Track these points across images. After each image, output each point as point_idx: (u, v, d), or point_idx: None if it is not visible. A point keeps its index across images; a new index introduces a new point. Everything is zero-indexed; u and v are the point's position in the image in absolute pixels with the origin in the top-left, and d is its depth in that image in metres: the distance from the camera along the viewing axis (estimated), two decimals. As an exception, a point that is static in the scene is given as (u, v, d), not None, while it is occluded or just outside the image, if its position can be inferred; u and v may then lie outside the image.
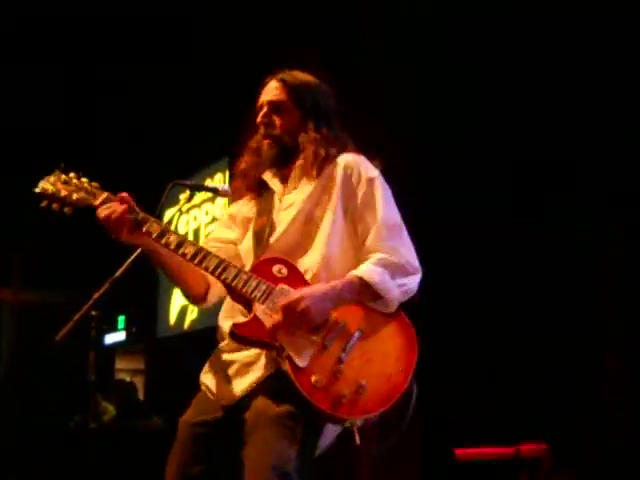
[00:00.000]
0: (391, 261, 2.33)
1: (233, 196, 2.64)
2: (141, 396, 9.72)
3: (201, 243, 2.54)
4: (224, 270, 2.31)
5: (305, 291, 2.26)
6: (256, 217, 2.52)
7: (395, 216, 2.43)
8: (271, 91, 2.53)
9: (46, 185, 2.45)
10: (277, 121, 2.49)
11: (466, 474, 4.79)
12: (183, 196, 2.68)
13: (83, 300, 2.52)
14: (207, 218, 9.21)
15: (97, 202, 2.40)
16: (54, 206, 2.44)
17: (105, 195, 2.42)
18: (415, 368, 2.27)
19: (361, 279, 2.29)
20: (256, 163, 2.54)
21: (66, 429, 7.07)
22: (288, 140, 2.48)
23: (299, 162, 2.48)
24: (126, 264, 2.53)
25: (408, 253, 2.38)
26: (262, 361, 2.31)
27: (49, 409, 7.93)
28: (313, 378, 2.19)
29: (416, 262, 2.39)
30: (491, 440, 4.90)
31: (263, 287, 2.29)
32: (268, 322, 2.24)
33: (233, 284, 2.30)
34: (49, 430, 7.20)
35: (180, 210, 2.66)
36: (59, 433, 7.00)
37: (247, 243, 2.52)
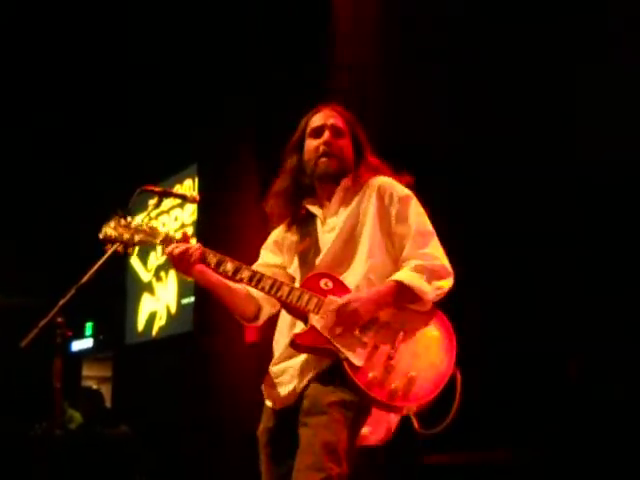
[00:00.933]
0: (426, 266, 2.61)
1: (272, 220, 2.88)
2: (108, 404, 9.65)
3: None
4: (278, 289, 2.59)
5: (352, 295, 2.57)
6: (299, 240, 2.78)
7: (427, 226, 2.70)
8: (331, 117, 2.79)
9: (108, 230, 2.67)
10: (339, 144, 2.76)
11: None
12: (152, 202, 2.81)
13: (49, 306, 2.53)
14: (176, 224, 9.19)
15: (157, 241, 2.68)
16: (118, 249, 2.67)
17: (164, 234, 2.69)
18: (456, 356, 2.56)
19: (401, 283, 2.57)
20: (295, 187, 2.79)
21: (30, 436, 7.00)
22: (344, 163, 2.76)
23: (341, 186, 2.75)
24: (92, 271, 2.61)
25: (442, 258, 2.66)
26: (314, 363, 2.58)
27: (13, 416, 7.85)
28: (370, 375, 2.48)
29: (449, 266, 2.66)
30: (460, 446, 4.95)
31: (315, 300, 2.56)
32: (323, 329, 2.53)
33: (288, 300, 2.58)
34: (13, 436, 7.13)
35: (149, 216, 2.76)
36: (23, 440, 6.93)
37: (294, 265, 2.77)
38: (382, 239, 2.68)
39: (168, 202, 9.09)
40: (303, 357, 2.60)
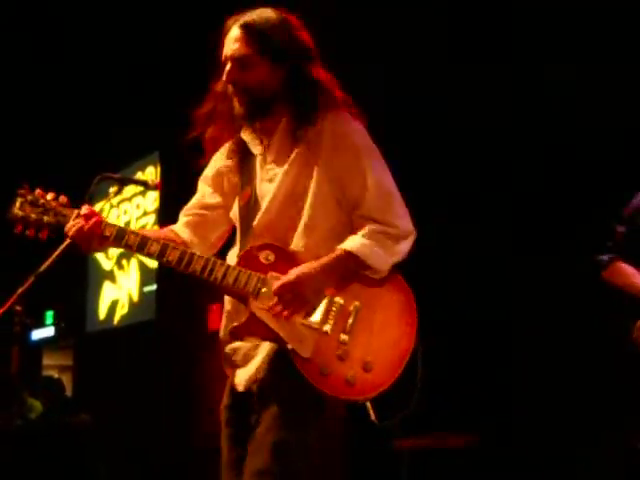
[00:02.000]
0: (382, 230, 2.26)
1: (208, 145, 2.47)
2: (69, 392, 9.56)
3: (186, 208, 2.50)
4: (212, 271, 2.24)
5: (295, 272, 2.21)
6: (241, 184, 2.41)
7: (386, 180, 2.31)
8: (233, 43, 2.30)
9: (15, 210, 2.34)
10: (244, 77, 2.29)
11: (394, 464, 4.87)
12: (112, 189, 2.61)
13: (6, 295, 2.48)
14: (138, 212, 9.11)
15: (72, 218, 2.31)
16: (28, 232, 2.34)
17: (75, 214, 2.32)
18: (418, 325, 2.24)
19: (350, 252, 2.23)
20: (230, 114, 2.36)
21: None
22: (260, 95, 2.30)
23: (282, 126, 2.33)
24: (51, 259, 2.47)
25: (401, 219, 2.29)
26: (265, 346, 2.29)
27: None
28: (319, 366, 2.18)
29: (409, 226, 2.31)
30: (422, 430, 5.00)
31: (253, 281, 2.23)
32: (265, 317, 2.22)
33: (224, 284, 2.24)
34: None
35: (110, 203, 2.64)
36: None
37: (235, 212, 2.43)
38: (331, 193, 2.30)
39: (130, 189, 9.00)
40: (249, 344, 2.32)
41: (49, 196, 2.36)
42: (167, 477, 7.29)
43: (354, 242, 2.25)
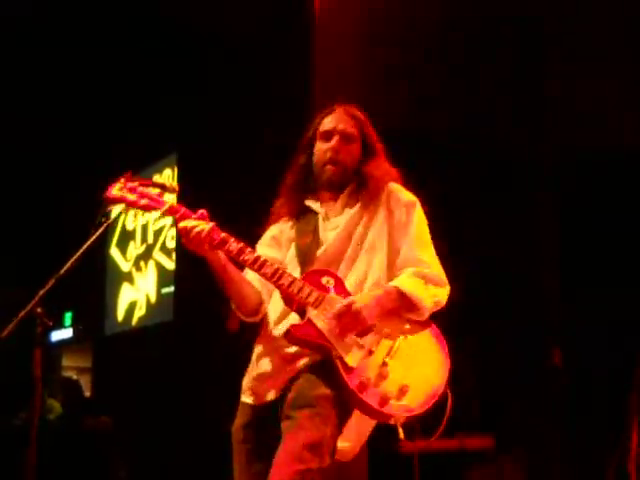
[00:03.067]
0: (423, 273, 2.59)
1: (272, 217, 2.82)
2: (88, 394, 9.63)
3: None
4: (280, 277, 2.50)
5: (356, 298, 2.50)
6: (298, 235, 2.72)
7: (427, 235, 2.69)
8: (343, 121, 2.75)
9: (114, 191, 2.60)
10: (346, 151, 2.71)
11: (412, 467, 4.86)
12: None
13: (28, 297, 2.52)
14: (156, 214, 9.15)
15: (162, 209, 2.61)
16: (121, 209, 2.64)
17: (169, 204, 2.61)
18: (448, 375, 2.51)
19: (398, 289, 2.53)
20: (300, 184, 2.77)
21: (13, 425, 6.99)
22: (350, 170, 2.71)
23: (348, 189, 2.72)
24: (71, 261, 2.56)
25: (438, 267, 2.65)
26: (304, 356, 2.52)
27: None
28: (362, 377, 2.42)
29: (445, 277, 2.64)
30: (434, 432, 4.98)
31: (315, 294, 2.50)
32: (321, 325, 2.46)
33: (289, 290, 2.50)
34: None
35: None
36: (7, 429, 6.93)
37: (291, 259, 2.70)
38: (385, 245, 2.66)
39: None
40: (293, 349, 2.54)
41: (148, 187, 2.66)
42: (185, 478, 7.32)
43: (402, 280, 2.57)
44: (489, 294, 5.67)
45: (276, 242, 2.78)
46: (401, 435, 2.48)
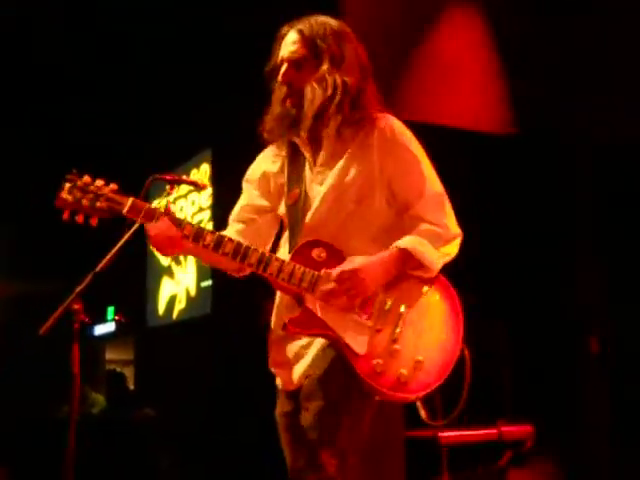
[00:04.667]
0: (434, 231, 2.35)
1: (268, 139, 2.54)
2: (131, 386, 9.77)
3: (235, 213, 2.54)
4: (267, 265, 2.28)
5: (355, 260, 2.27)
6: (288, 185, 2.44)
7: (436, 184, 2.41)
8: (289, 45, 2.40)
9: (65, 195, 2.32)
10: (299, 78, 2.37)
11: (450, 457, 4.87)
12: (167, 188, 2.65)
13: (69, 291, 2.54)
14: (194, 208, 9.25)
15: (125, 210, 2.33)
16: (77, 218, 2.32)
17: (131, 201, 2.33)
18: (463, 330, 2.33)
19: (405, 250, 2.31)
20: (283, 121, 2.43)
21: (55, 419, 7.14)
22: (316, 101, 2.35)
23: (331, 127, 2.36)
24: (107, 257, 2.52)
25: (449, 221, 2.39)
26: (315, 343, 2.35)
27: (36, 401, 7.98)
28: (373, 362, 2.23)
29: (457, 228, 2.41)
30: (473, 421, 4.99)
31: (308, 277, 2.28)
32: (321, 311, 2.26)
33: (279, 280, 2.29)
34: (37, 421, 7.26)
35: (167, 200, 2.66)
36: (48, 423, 7.07)
37: (282, 210, 2.48)
38: (384, 193, 2.38)
39: (185, 186, 9.11)
40: (302, 341, 2.38)
41: (99, 182, 2.35)
42: (227, 469, 7.41)
43: (408, 241, 2.32)
44: (525, 279, 5.65)
45: (266, 183, 2.52)
46: (423, 416, 2.38)
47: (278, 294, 2.47)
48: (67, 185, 2.33)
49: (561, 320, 5.55)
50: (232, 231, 2.54)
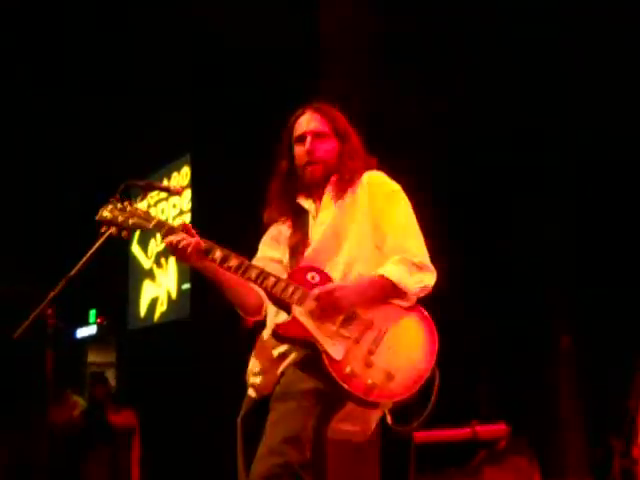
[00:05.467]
0: (409, 260, 2.62)
1: (268, 222, 2.88)
2: (113, 388, 9.79)
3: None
4: (264, 279, 2.59)
5: (335, 283, 2.58)
6: (291, 234, 2.80)
7: (412, 222, 2.73)
8: (311, 121, 2.80)
9: (104, 213, 2.72)
10: (321, 149, 2.76)
11: (424, 456, 4.94)
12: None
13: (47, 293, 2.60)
14: (175, 211, 9.29)
15: (150, 226, 2.70)
16: (112, 230, 2.71)
17: (156, 220, 2.72)
18: (437, 357, 2.54)
19: (383, 277, 2.58)
20: (288, 187, 2.81)
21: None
22: (331, 164, 2.76)
23: (331, 183, 2.77)
24: (82, 262, 2.64)
25: (424, 253, 2.67)
26: (293, 352, 2.61)
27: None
28: (347, 368, 2.47)
29: (430, 263, 2.67)
30: (446, 421, 5.06)
31: (299, 292, 2.56)
32: (305, 320, 2.53)
33: (273, 291, 2.58)
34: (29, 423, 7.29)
35: (148, 203, 2.80)
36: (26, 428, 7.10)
37: (285, 257, 2.79)
38: (371, 233, 2.70)
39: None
40: (282, 347, 2.62)
41: (136, 205, 2.75)
42: (208, 469, 7.46)
43: (387, 267, 2.61)
44: (500, 280, 5.73)
45: (276, 242, 2.85)
46: (389, 421, 2.52)
47: (270, 309, 2.73)
48: (110, 205, 2.73)
49: (532, 319, 5.64)
50: None
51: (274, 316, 2.70)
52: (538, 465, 5.21)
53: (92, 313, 11.44)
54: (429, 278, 2.64)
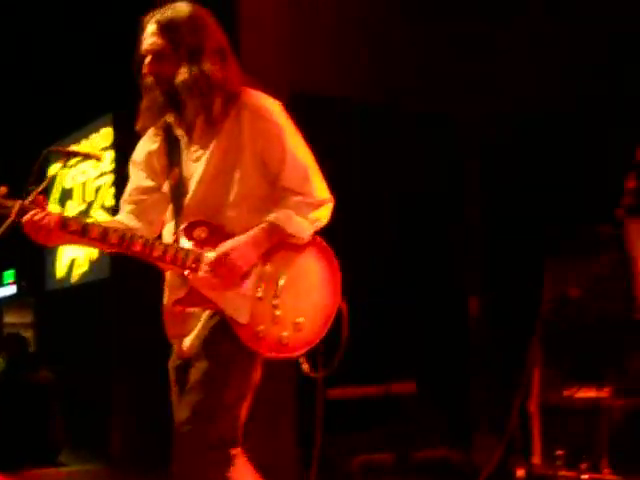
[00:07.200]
0: (302, 201, 2.46)
1: (141, 130, 2.63)
2: (31, 349, 9.73)
3: (125, 195, 2.64)
4: (152, 249, 2.41)
5: (226, 246, 2.40)
6: (169, 165, 2.55)
7: (302, 154, 2.52)
8: (149, 38, 2.50)
9: None
10: (162, 69, 2.48)
11: (339, 413, 5.13)
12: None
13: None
14: (96, 172, 9.21)
15: (14, 215, 2.42)
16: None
17: (18, 205, 2.42)
18: (341, 287, 2.49)
19: (273, 223, 2.43)
20: (153, 110, 2.54)
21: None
22: (182, 88, 2.46)
23: (199, 110, 2.48)
24: (4, 226, 2.50)
25: (318, 188, 2.50)
26: (205, 313, 2.48)
27: None
28: (255, 329, 2.38)
29: (326, 194, 2.52)
30: (361, 380, 5.28)
31: (191, 257, 2.41)
32: (203, 289, 2.40)
33: (163, 260, 2.42)
34: None
35: (68, 165, 2.67)
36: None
37: (166, 190, 2.58)
38: (256, 168, 2.49)
39: (87, 150, 9.05)
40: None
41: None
42: (124, 432, 7.54)
43: (276, 214, 2.47)
44: (409, 241, 5.88)
45: (151, 164, 2.62)
46: (305, 368, 2.53)
47: (167, 272, 2.59)
48: None
49: (443, 284, 5.85)
50: (124, 213, 2.65)
51: (174, 278, 2.53)
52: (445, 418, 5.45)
53: (8, 274, 11.29)
54: (324, 213, 2.51)
